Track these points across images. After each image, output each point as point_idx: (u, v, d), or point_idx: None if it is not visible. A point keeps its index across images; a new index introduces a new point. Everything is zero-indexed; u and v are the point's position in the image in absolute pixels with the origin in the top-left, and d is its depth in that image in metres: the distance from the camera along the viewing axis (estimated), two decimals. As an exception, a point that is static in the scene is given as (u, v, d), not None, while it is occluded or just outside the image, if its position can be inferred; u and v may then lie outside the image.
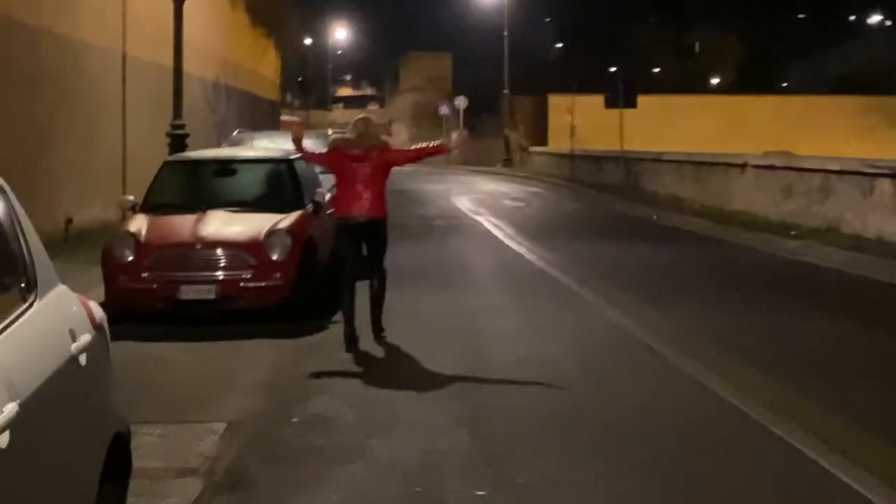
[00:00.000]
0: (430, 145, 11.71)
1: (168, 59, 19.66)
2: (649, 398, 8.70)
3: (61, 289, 4.45)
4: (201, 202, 12.50)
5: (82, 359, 4.13)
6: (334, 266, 13.53)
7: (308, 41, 72.36)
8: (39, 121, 17.36)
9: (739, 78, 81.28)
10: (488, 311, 12.90)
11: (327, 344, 10.90)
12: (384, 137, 11.29)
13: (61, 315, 4.20)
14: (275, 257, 11.71)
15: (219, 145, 22.59)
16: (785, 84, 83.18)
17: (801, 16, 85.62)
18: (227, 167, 13.27)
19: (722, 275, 17.09)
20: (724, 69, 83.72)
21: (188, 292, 11.48)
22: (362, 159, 10.66)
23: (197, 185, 13.16)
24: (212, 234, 11.78)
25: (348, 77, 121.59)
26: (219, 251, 11.66)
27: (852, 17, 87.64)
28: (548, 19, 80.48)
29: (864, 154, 32.99)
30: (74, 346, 4.07)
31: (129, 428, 4.81)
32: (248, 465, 6.80)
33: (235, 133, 18.45)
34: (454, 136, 11.81)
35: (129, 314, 11.72)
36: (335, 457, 6.95)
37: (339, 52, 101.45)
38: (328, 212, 13.59)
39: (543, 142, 63.45)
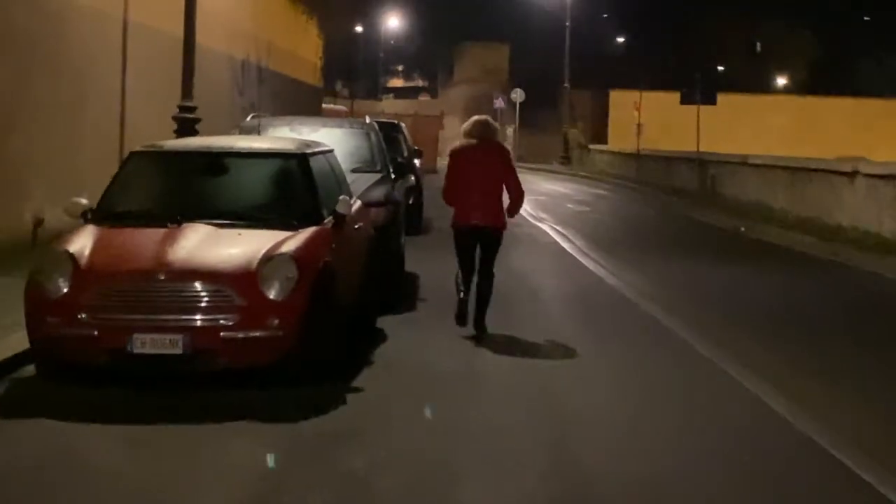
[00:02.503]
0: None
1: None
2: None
3: None
4: (176, 211, 8.85)
5: None
6: (362, 305, 10.05)
7: (359, 29, 68.82)
8: (1, 94, 13.78)
9: (809, 78, 76.95)
10: (574, 375, 9.17)
11: (344, 432, 7.21)
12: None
13: None
14: (272, 295, 8.06)
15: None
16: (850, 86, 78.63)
17: (866, 18, 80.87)
18: (215, 163, 9.45)
19: (869, 318, 13.25)
20: (793, 68, 79.43)
21: (144, 344, 7.85)
22: (483, 165, 10.50)
23: (172, 188, 9.45)
24: (183, 259, 8.14)
25: (400, 68, 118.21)
26: (192, 285, 8.01)
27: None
28: (605, 15, 76.17)
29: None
30: None
31: None
32: None
33: (249, 118, 14.74)
34: None
35: (64, 370, 8.19)
36: None
37: (393, 41, 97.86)
38: (356, 226, 10.02)
39: (603, 139, 60.26)
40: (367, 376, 8.79)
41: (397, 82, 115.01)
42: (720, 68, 74.32)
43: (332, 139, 13.08)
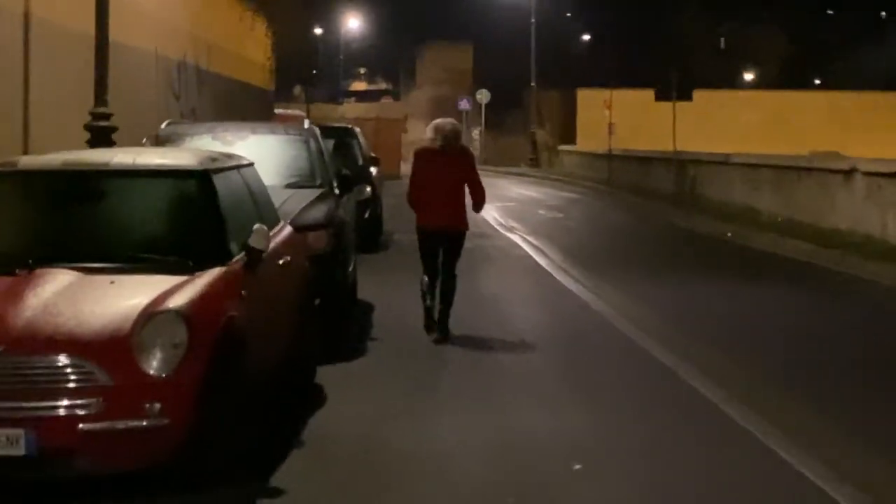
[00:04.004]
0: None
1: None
2: None
3: None
4: (27, 253, 6.57)
5: None
6: (294, 360, 7.86)
7: (318, 31, 66.50)
8: None
9: (779, 73, 75.41)
10: (567, 458, 6.89)
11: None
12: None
13: None
14: (153, 370, 5.80)
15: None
16: (818, 82, 77.15)
17: (829, 12, 79.56)
18: (85, 186, 7.06)
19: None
20: (762, 64, 77.88)
21: (-29, 444, 5.60)
22: (447, 168, 10.70)
23: (25, 220, 7.15)
24: (27, 321, 5.87)
25: (363, 71, 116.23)
26: (40, 359, 5.75)
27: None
28: (569, 14, 74.36)
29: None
30: None
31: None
32: None
33: (164, 125, 12.44)
34: None
35: None
36: None
37: (354, 43, 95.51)
38: (281, 261, 7.78)
39: (571, 140, 58.40)
40: (292, 469, 6.53)
41: (360, 85, 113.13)
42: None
43: (263, 148, 11.06)
